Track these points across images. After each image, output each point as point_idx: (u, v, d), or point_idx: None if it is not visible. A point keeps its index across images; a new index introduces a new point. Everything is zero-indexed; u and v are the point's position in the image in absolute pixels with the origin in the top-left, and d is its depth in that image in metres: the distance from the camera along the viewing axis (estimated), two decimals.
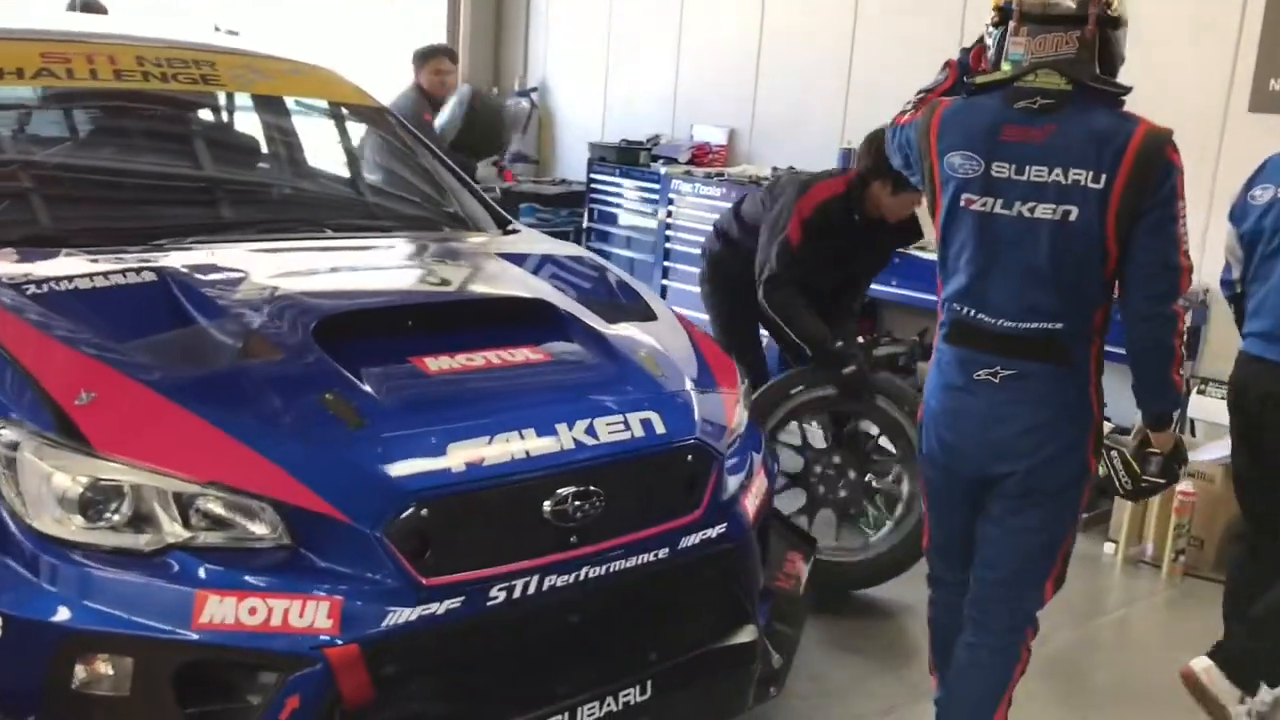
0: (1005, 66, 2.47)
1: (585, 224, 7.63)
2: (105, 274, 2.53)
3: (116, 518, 2.05)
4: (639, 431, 2.48)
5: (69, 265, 2.56)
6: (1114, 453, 2.62)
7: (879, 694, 3.30)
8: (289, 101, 3.86)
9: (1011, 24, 2.44)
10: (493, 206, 3.71)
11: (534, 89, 8.41)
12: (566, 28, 8.24)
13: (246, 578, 2.03)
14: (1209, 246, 5.00)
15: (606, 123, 7.91)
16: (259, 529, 2.08)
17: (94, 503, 2.04)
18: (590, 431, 2.40)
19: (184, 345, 2.36)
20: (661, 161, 7.12)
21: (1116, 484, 2.64)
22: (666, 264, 6.80)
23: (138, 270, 2.57)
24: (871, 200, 3.88)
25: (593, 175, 7.49)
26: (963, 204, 2.48)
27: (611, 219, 7.39)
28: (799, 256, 3.87)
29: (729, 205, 6.12)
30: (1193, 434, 4.92)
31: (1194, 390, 4.88)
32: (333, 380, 2.27)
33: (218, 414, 2.14)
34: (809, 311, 3.92)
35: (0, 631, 1.97)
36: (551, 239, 3.76)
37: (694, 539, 2.54)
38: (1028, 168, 2.41)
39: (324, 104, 3.88)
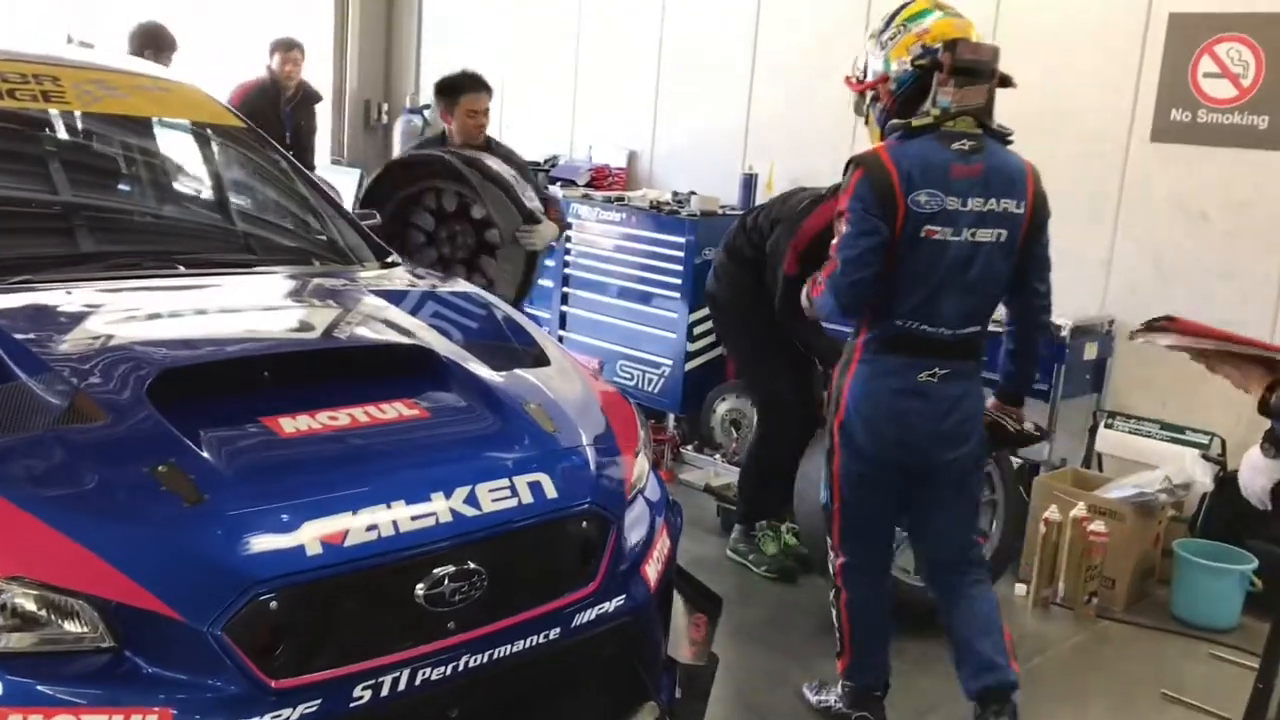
0: (935, 111, 2.85)
1: None
2: None
3: None
4: (527, 497, 2.22)
5: None
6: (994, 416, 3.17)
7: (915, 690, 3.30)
8: (149, 120, 3.51)
9: (941, 75, 2.83)
10: (370, 236, 3.41)
11: (427, 106, 8.08)
12: (461, 37, 7.94)
13: (56, 690, 1.71)
14: (1114, 273, 4.96)
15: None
16: (74, 628, 1.77)
17: None
18: (471, 500, 2.13)
19: None
20: (560, 184, 6.86)
21: (1010, 430, 3.19)
22: (566, 290, 6.51)
23: None
24: None
25: None
26: (924, 234, 2.84)
27: None
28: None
29: (630, 230, 5.97)
30: (1100, 469, 4.83)
31: (1101, 424, 4.80)
32: (167, 447, 1.97)
33: (26, 494, 1.82)
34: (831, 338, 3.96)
35: None
36: (434, 274, 3.46)
37: (589, 615, 2.29)
38: (970, 199, 2.85)
39: (185, 123, 3.54)
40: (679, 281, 5.78)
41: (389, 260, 3.30)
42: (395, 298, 2.92)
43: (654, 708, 2.49)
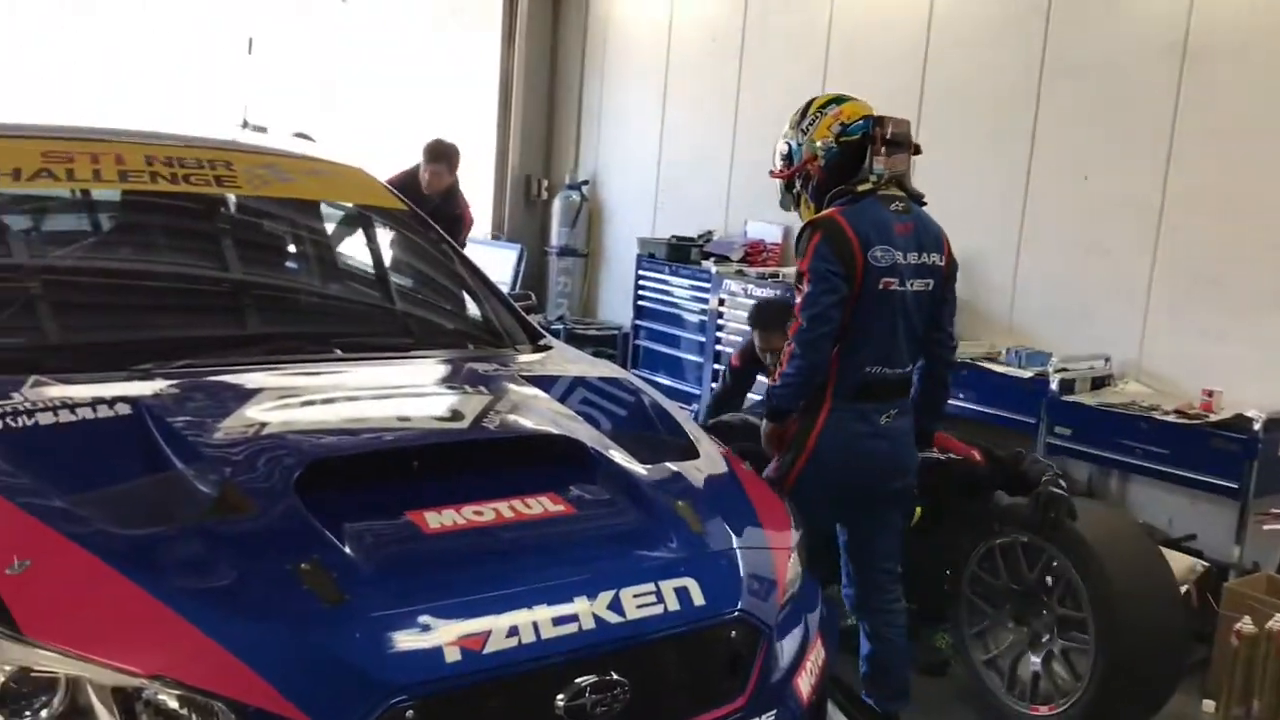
0: (873, 177, 3.20)
1: (632, 323, 7.34)
2: (74, 407, 2.23)
3: (45, 714, 1.71)
4: (673, 604, 2.11)
5: (35, 396, 2.27)
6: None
7: None
8: (313, 203, 3.60)
9: (875, 146, 3.20)
10: (524, 318, 3.40)
11: (585, 182, 8.21)
12: (619, 120, 8.04)
13: None
14: None
15: (658, 217, 7.66)
16: None
17: (19, 696, 1.71)
18: (615, 605, 2.04)
19: (150, 498, 2.04)
20: (713, 259, 6.82)
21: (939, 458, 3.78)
22: (716, 366, 6.45)
23: (111, 403, 2.27)
24: None
25: (641, 272, 7.21)
26: (882, 286, 3.15)
27: (659, 317, 7.09)
28: None
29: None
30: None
31: None
32: (311, 544, 1.94)
33: (171, 589, 1.81)
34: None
35: None
36: (586, 357, 3.41)
37: None
38: (909, 254, 3.20)
39: (349, 206, 3.62)
40: None
41: (542, 343, 3.27)
42: (545, 384, 2.88)
43: None
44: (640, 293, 7.21)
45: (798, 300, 3.17)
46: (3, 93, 5.43)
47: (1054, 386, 4.89)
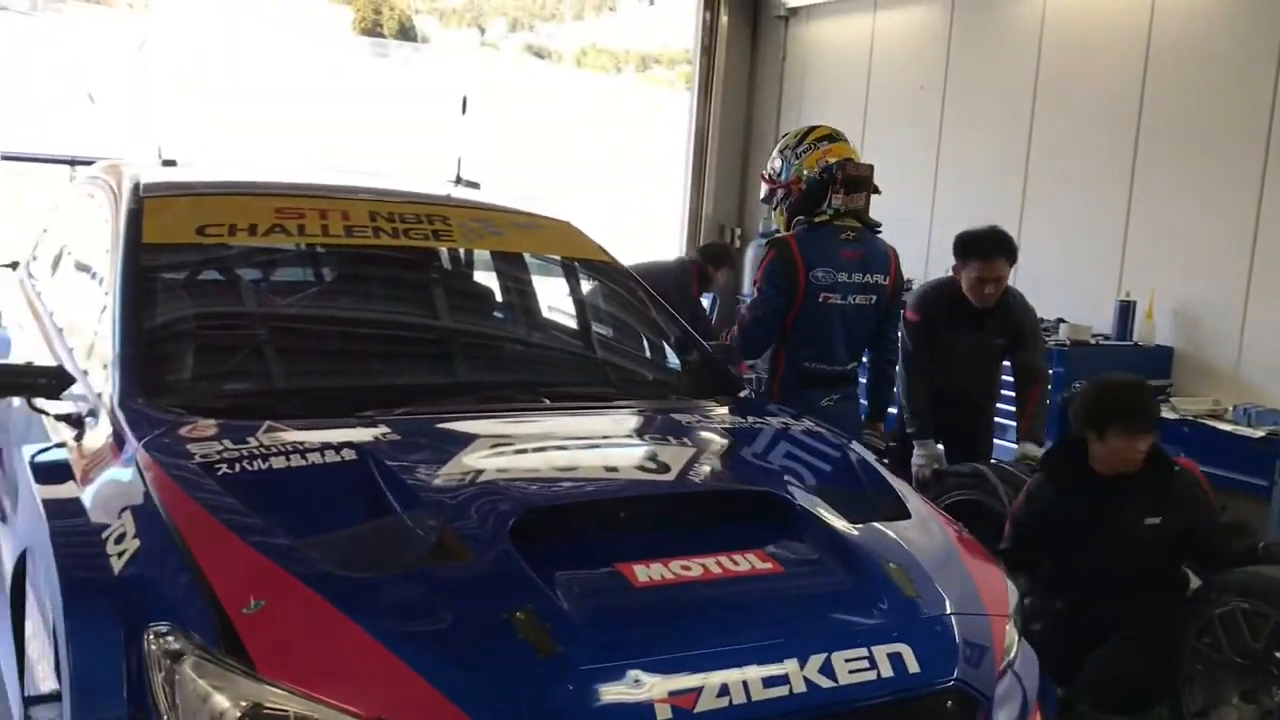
0: (829, 211, 4.01)
1: None
2: (304, 452, 2.34)
3: None
4: (887, 670, 2.04)
5: (268, 441, 2.39)
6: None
7: None
8: (521, 255, 3.71)
9: (835, 186, 3.99)
10: (727, 371, 3.39)
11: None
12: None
13: None
14: None
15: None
16: None
17: None
18: (826, 669, 1.98)
19: (371, 542, 2.12)
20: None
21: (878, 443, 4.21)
22: None
23: (339, 448, 2.37)
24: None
25: None
26: (821, 299, 3.97)
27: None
28: None
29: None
30: None
31: None
32: (526, 593, 1.96)
33: (394, 634, 1.86)
34: None
35: None
36: (787, 410, 3.37)
37: None
38: (853, 274, 4.01)
39: (553, 258, 3.70)
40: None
41: (742, 395, 3.25)
42: (748, 436, 2.86)
43: None
44: None
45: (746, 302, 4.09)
46: (248, 147, 5.86)
47: None
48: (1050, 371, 5.29)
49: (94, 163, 4.30)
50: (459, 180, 4.07)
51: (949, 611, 2.25)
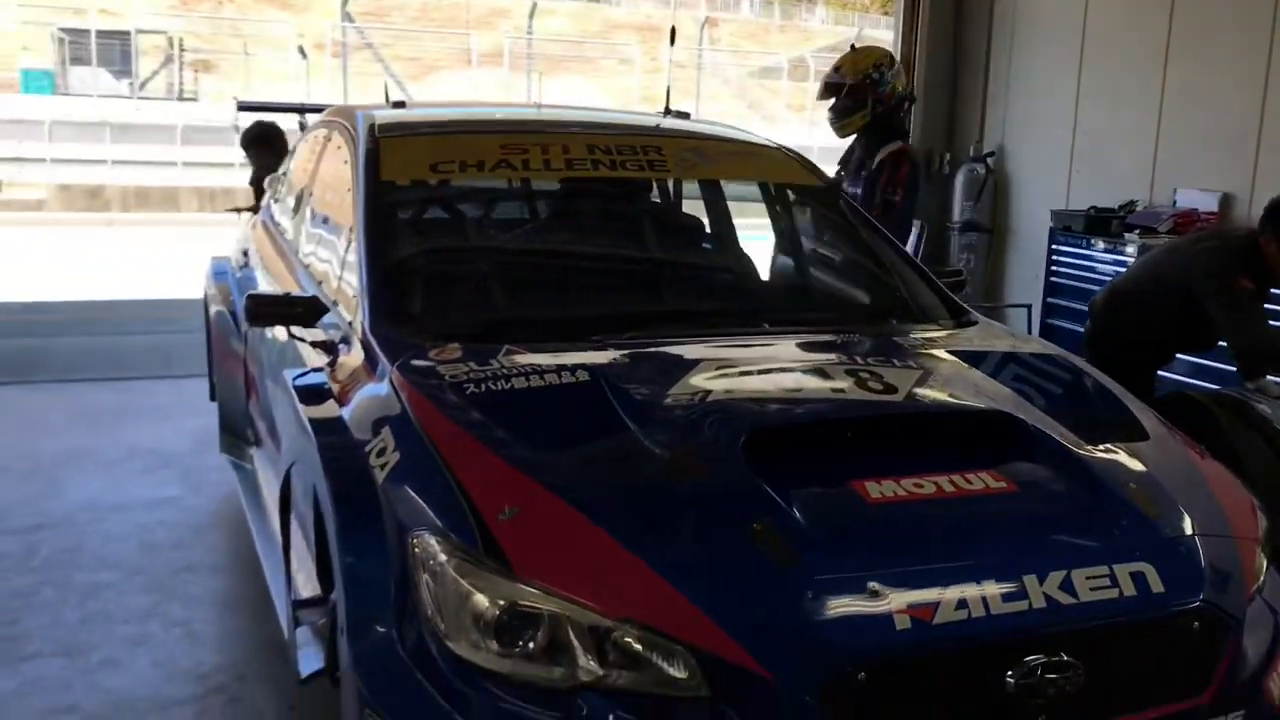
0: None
1: (1043, 300, 6.98)
2: (542, 373, 2.45)
3: (531, 646, 1.90)
4: (1129, 589, 2.00)
5: (509, 363, 2.52)
6: None
7: None
8: (737, 183, 3.74)
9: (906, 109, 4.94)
10: (947, 294, 3.33)
11: (990, 154, 7.89)
12: (1029, 85, 7.66)
13: None
14: None
15: (1072, 188, 7.23)
16: (675, 672, 1.85)
17: (510, 628, 1.91)
18: (1066, 586, 1.96)
19: (610, 456, 2.21)
20: (1138, 231, 6.34)
21: None
22: None
23: (573, 370, 2.48)
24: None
25: (1055, 246, 6.84)
26: None
27: (1075, 295, 6.68)
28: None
29: None
30: None
31: None
32: (762, 507, 2.02)
33: (638, 540, 1.95)
34: None
35: None
36: (1014, 333, 3.30)
37: None
38: None
39: (767, 184, 3.71)
40: None
41: (966, 319, 3.20)
42: (975, 359, 2.81)
43: None
44: (1054, 269, 6.84)
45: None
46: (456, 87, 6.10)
47: None
48: None
49: (322, 109, 4.56)
50: (668, 111, 4.12)
51: (1194, 532, 2.18)
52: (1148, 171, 6.74)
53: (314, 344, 2.95)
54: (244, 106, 5.98)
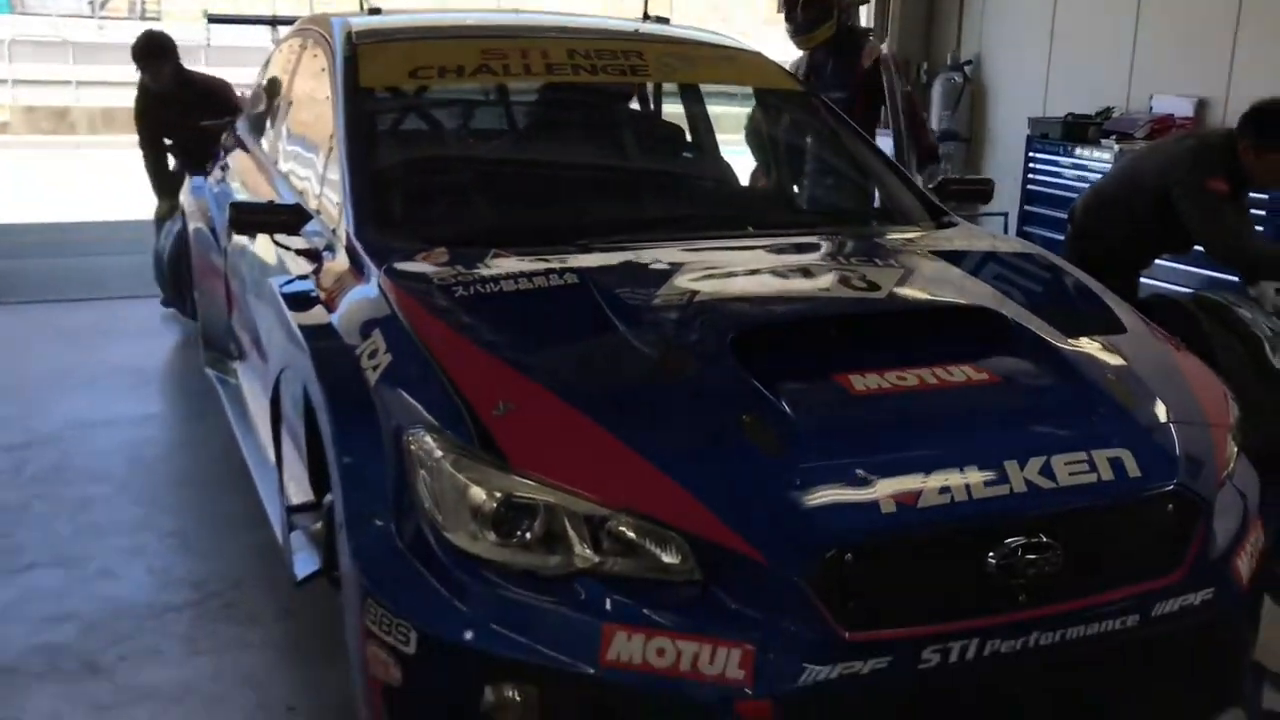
0: None
1: (1020, 209, 7.02)
2: (530, 276, 2.48)
3: (528, 536, 1.95)
4: (1107, 474, 2.06)
5: (496, 266, 2.54)
6: None
7: None
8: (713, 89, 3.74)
9: None
10: (926, 196, 3.36)
11: (968, 62, 7.87)
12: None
13: (655, 614, 1.87)
14: None
15: (1049, 96, 7.22)
16: (669, 558, 1.91)
17: (507, 519, 1.96)
18: (1046, 471, 2.02)
19: (601, 354, 2.25)
20: (1114, 137, 6.37)
21: None
22: None
23: (561, 273, 2.50)
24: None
25: (1032, 154, 6.86)
26: None
27: (1052, 202, 6.72)
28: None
29: None
30: None
31: None
32: (750, 400, 2.06)
33: (632, 433, 2.00)
34: None
35: (415, 647, 1.94)
36: (994, 233, 3.34)
37: (1172, 605, 2.10)
38: None
39: (746, 88, 3.71)
40: None
41: (945, 220, 3.23)
42: (956, 258, 2.85)
43: (1239, 715, 2.25)
44: (1031, 176, 6.87)
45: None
46: None
47: None
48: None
49: (294, 21, 4.50)
50: (647, 16, 4.09)
51: (1168, 420, 2.25)
52: (1124, 78, 6.75)
53: (298, 252, 2.96)
54: (214, 20, 5.87)
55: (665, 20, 4.11)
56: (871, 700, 1.89)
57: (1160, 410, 2.26)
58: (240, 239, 3.88)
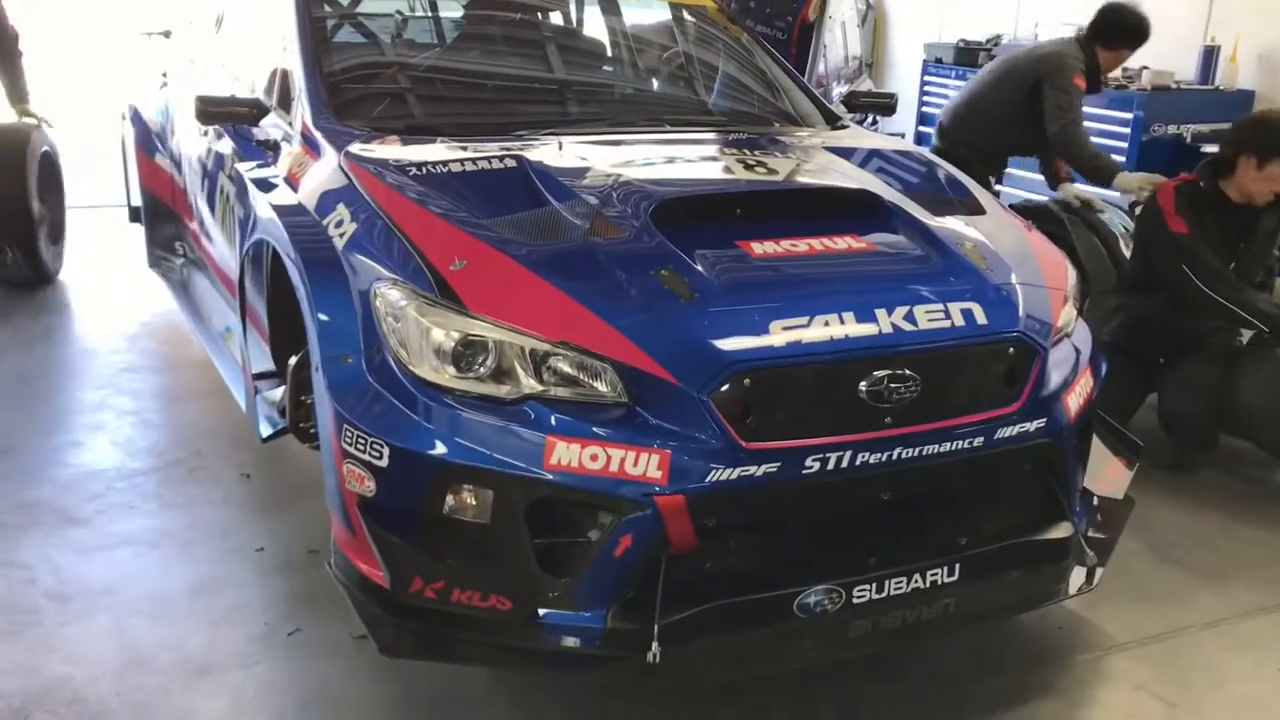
0: None
1: (915, 130, 7.48)
2: (474, 160, 2.83)
3: (482, 369, 2.32)
4: (959, 321, 2.50)
5: (443, 152, 2.88)
6: None
7: (1201, 606, 3.19)
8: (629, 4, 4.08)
9: None
10: (822, 103, 3.77)
11: None
12: None
13: (590, 428, 2.26)
14: None
15: (944, 23, 7.67)
16: (601, 386, 2.30)
17: (464, 355, 2.32)
18: (909, 318, 2.45)
19: (540, 223, 2.61)
20: None
21: None
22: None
23: (500, 157, 2.85)
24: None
25: (926, 78, 7.31)
26: None
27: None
28: None
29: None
30: None
31: None
32: (668, 258, 2.45)
33: (569, 284, 2.38)
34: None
35: (387, 461, 2.30)
36: (881, 135, 3.77)
37: (1011, 430, 2.55)
38: None
39: (665, 5, 4.06)
40: (1122, 159, 5.65)
41: (839, 124, 3.65)
42: (845, 153, 3.27)
43: (1068, 527, 2.71)
44: (925, 99, 7.33)
45: None
46: None
47: None
48: (1134, 115, 5.60)
49: None
50: None
51: (1015, 282, 2.69)
52: (1014, 6, 7.21)
53: (259, 143, 3.25)
54: None
55: None
56: (763, 496, 2.32)
57: (1008, 274, 2.70)
58: (188, 142, 4.15)
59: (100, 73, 6.78)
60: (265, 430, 3.08)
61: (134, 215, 5.34)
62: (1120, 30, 4.68)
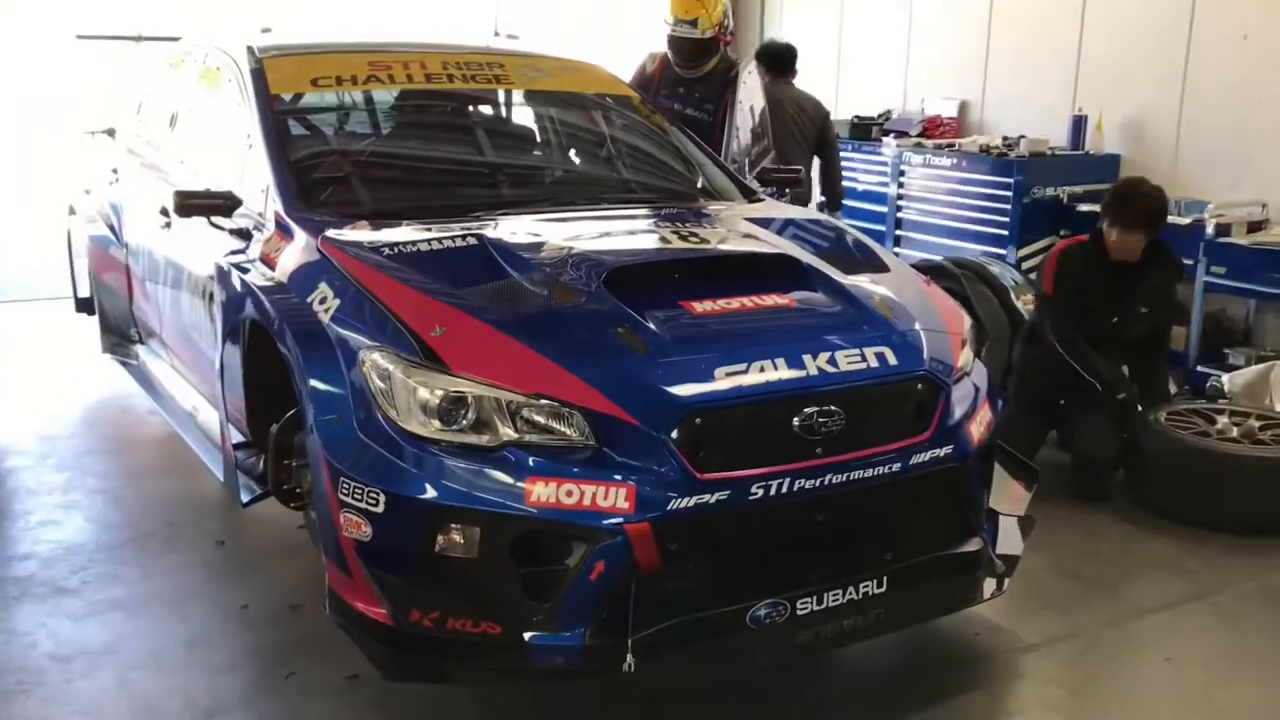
0: None
1: (817, 202, 7.99)
2: (439, 239, 3.16)
3: (465, 421, 2.64)
4: (874, 363, 2.89)
5: (410, 233, 3.21)
6: None
7: (1098, 610, 3.59)
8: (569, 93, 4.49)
9: None
10: (737, 179, 4.20)
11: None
12: (800, 16, 8.63)
13: (564, 467, 2.59)
14: None
15: (839, 100, 8.26)
16: (571, 431, 2.63)
17: (448, 410, 2.64)
18: (832, 362, 2.83)
19: (504, 292, 2.95)
20: (893, 135, 7.41)
21: None
22: (899, 233, 7.11)
23: (462, 236, 3.19)
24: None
25: None
26: None
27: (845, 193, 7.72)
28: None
29: (960, 174, 6.46)
30: None
31: None
32: (623, 318, 2.81)
33: (538, 343, 2.71)
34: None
35: (383, 507, 2.60)
36: (793, 206, 4.20)
37: (923, 456, 2.93)
38: None
39: (590, 94, 4.47)
40: (1006, 220, 6.22)
41: (755, 197, 4.07)
42: (764, 223, 3.68)
43: (978, 541, 3.09)
44: None
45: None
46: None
47: (1209, 230, 5.40)
48: (1014, 180, 6.17)
49: (169, 39, 5.03)
50: (497, 34, 4.81)
51: (918, 328, 3.10)
52: (901, 85, 7.83)
53: (232, 232, 3.54)
54: (82, 36, 6.24)
55: (516, 37, 4.84)
56: (716, 521, 2.66)
57: (913, 322, 3.11)
58: (145, 233, 4.42)
59: (37, 170, 6.94)
60: (245, 496, 3.34)
61: (80, 305, 5.52)
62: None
